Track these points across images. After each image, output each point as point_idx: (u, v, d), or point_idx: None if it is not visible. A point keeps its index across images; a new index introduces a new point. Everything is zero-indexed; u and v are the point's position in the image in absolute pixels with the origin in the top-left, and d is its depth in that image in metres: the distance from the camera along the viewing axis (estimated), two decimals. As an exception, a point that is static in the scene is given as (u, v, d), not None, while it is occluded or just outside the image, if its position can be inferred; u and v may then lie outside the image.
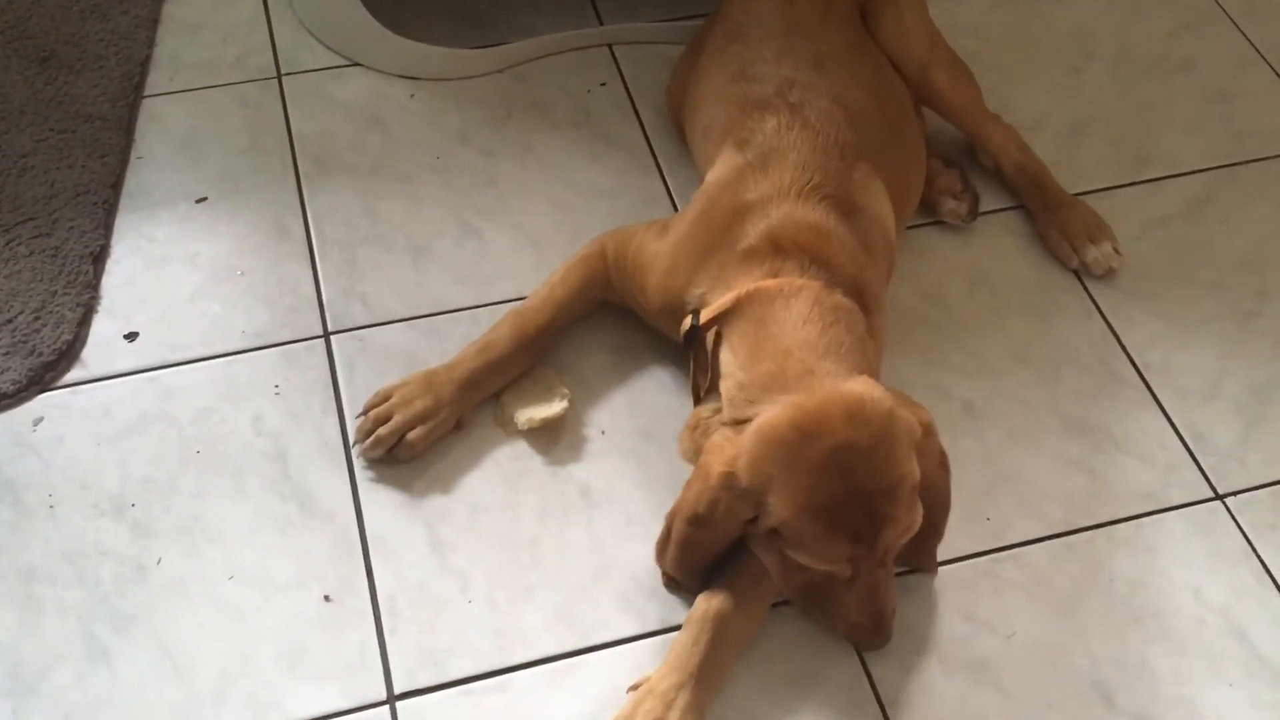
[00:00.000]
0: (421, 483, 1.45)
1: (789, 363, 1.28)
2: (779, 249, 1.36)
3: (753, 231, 1.38)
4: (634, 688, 1.29)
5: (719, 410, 1.34)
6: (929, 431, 1.31)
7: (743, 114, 1.51)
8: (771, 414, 1.24)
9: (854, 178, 1.45)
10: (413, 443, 1.44)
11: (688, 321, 1.39)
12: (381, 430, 1.44)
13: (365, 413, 1.46)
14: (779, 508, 1.22)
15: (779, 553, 1.27)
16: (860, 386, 1.24)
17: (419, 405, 1.45)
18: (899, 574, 1.38)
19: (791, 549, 1.25)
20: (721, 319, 1.35)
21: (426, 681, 1.31)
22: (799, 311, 1.31)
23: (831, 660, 1.34)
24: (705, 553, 1.32)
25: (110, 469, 1.44)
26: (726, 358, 1.34)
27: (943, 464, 1.34)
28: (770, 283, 1.33)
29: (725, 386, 1.33)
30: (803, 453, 1.21)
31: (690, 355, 1.41)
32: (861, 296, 1.37)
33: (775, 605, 1.36)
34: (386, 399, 1.46)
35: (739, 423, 1.28)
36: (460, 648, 1.33)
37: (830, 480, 1.21)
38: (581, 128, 1.83)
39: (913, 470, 1.24)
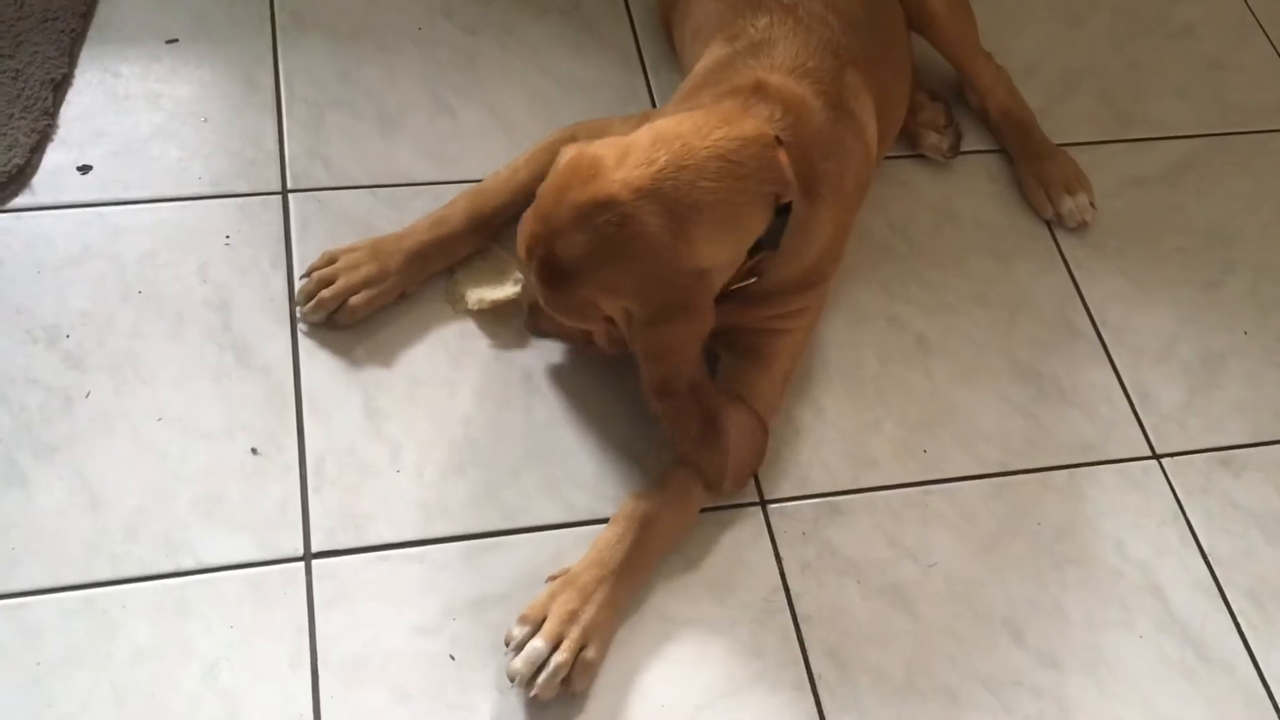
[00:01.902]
0: (363, 349, 1.43)
1: (660, 138, 1.24)
2: (758, 90, 1.32)
3: (736, 81, 1.35)
4: (553, 577, 1.28)
5: None
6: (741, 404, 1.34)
7: (734, 14, 1.48)
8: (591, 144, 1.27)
9: (845, 80, 1.42)
10: (354, 308, 1.42)
11: None
12: (324, 292, 1.42)
13: (309, 274, 1.44)
14: None
15: None
16: (628, 196, 1.21)
17: (364, 271, 1.43)
18: (715, 508, 1.38)
19: None
20: None
21: (345, 543, 1.30)
22: (723, 133, 1.25)
23: (750, 570, 1.35)
24: None
25: (48, 298, 1.41)
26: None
27: (743, 404, 1.34)
28: (731, 104, 1.30)
29: None
30: (560, 172, 1.25)
31: None
32: (813, 182, 1.32)
33: (704, 511, 1.36)
34: (332, 262, 1.43)
35: None
36: (382, 514, 1.32)
37: (547, 203, 1.25)
38: (569, 16, 1.79)
39: (593, 281, 1.24)
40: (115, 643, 1.21)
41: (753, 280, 1.33)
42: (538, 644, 1.23)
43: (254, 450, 1.34)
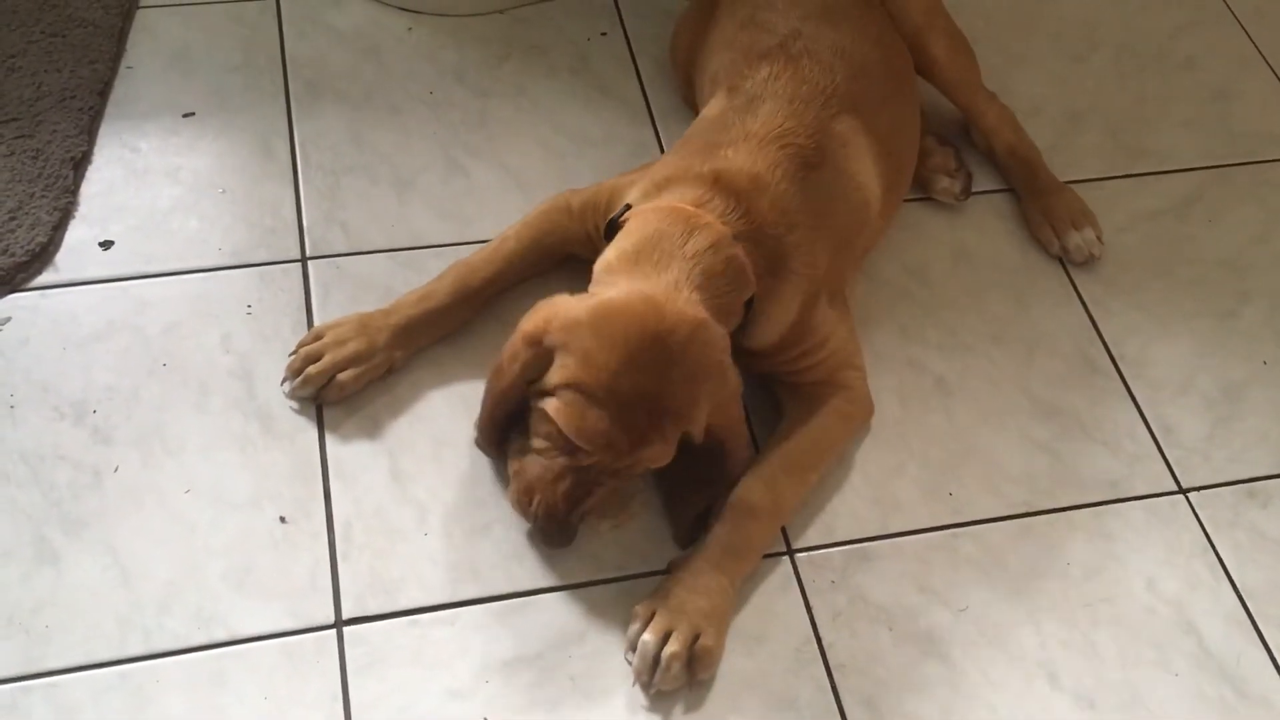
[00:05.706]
0: (386, 413, 1.44)
1: (659, 270, 1.28)
2: (716, 184, 1.36)
3: (706, 165, 1.38)
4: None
5: None
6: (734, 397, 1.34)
7: (744, 62, 1.50)
8: (618, 293, 1.26)
9: (833, 129, 1.44)
10: (342, 384, 1.42)
11: (616, 214, 1.39)
12: (311, 369, 1.42)
13: (297, 350, 1.44)
14: (575, 368, 1.24)
15: (542, 415, 1.27)
16: (705, 318, 1.27)
17: (351, 347, 1.43)
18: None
19: (560, 409, 1.25)
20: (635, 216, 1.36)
21: (376, 609, 1.30)
22: (696, 243, 1.30)
23: (780, 621, 1.35)
24: (496, 407, 1.33)
25: (74, 374, 1.43)
26: (614, 242, 1.34)
27: (736, 436, 1.36)
28: (690, 208, 1.33)
29: (596, 264, 1.34)
30: (626, 333, 1.23)
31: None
32: (776, 258, 1.35)
33: (731, 562, 1.36)
34: (319, 338, 1.44)
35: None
36: (412, 578, 1.33)
37: (637, 371, 1.23)
38: (579, 75, 1.81)
39: (699, 415, 1.28)
40: (151, 718, 1.21)
41: None
42: (646, 638, 1.27)
43: (282, 519, 1.35)
